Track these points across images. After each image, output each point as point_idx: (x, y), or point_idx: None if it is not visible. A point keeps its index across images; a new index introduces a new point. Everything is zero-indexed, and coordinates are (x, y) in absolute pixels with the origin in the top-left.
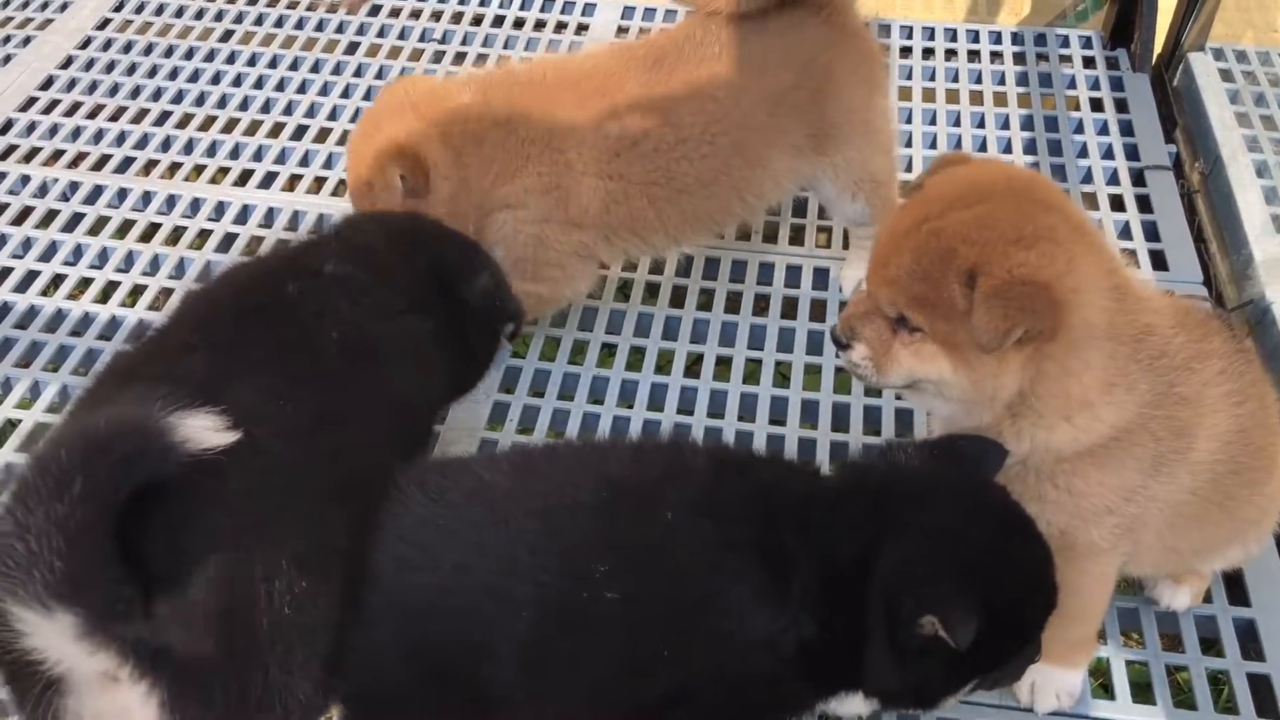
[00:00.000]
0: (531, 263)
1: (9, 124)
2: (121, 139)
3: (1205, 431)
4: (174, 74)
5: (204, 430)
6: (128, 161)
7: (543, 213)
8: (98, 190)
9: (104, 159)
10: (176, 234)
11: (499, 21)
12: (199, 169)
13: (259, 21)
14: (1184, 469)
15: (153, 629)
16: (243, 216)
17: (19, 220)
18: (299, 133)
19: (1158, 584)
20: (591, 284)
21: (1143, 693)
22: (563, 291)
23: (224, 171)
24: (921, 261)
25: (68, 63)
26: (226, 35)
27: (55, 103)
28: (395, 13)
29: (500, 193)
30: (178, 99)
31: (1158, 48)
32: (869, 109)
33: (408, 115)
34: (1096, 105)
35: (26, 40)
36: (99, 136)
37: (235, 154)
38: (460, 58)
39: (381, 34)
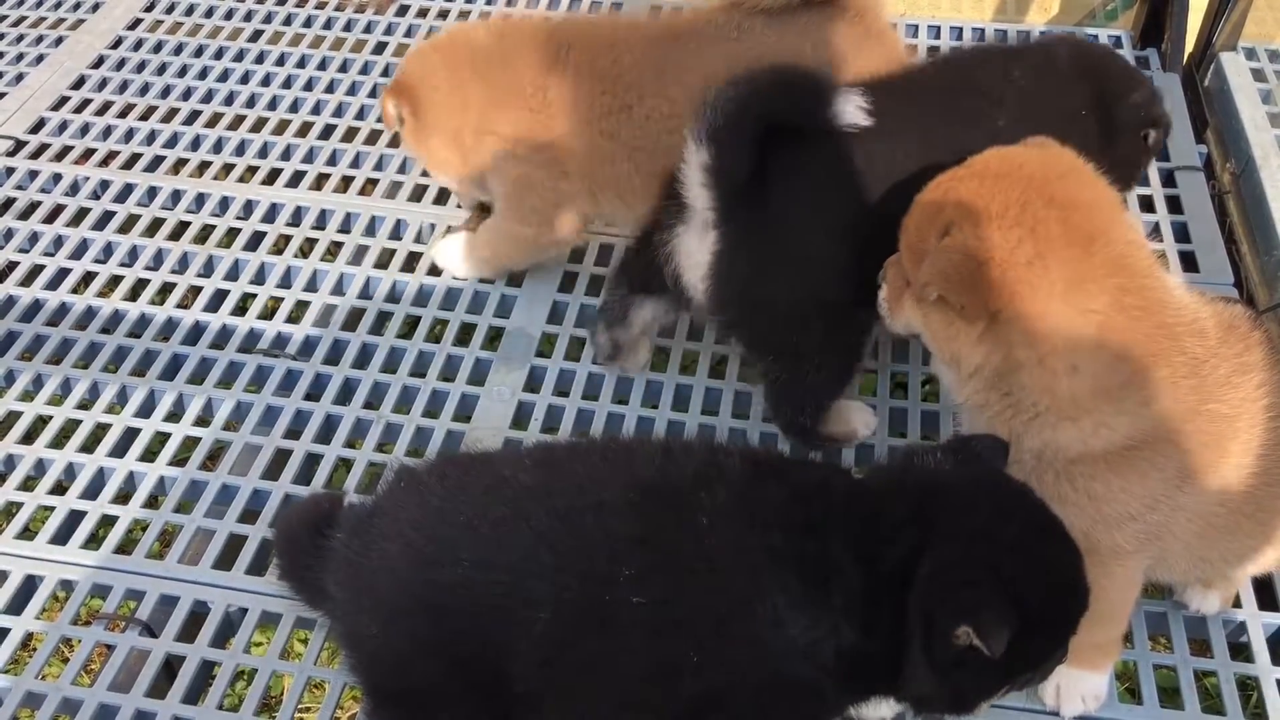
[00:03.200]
0: (517, 204)
1: (41, 123)
2: (152, 138)
3: (1239, 445)
4: (204, 73)
5: (853, 107)
6: (158, 160)
7: (529, 152)
8: (128, 188)
9: (134, 157)
10: (206, 232)
11: None
12: (228, 167)
13: (288, 21)
14: (1215, 482)
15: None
16: (271, 215)
17: (50, 218)
18: (327, 131)
19: (1187, 588)
20: (575, 236)
21: (1171, 698)
22: (548, 237)
23: (253, 170)
24: (919, 216)
25: (99, 62)
26: (256, 35)
27: (87, 102)
28: (423, 12)
29: (491, 118)
30: (207, 98)
31: (1189, 47)
32: None
33: (427, 54)
34: None
35: (59, 40)
36: (129, 135)
37: (264, 152)
38: None
39: (409, 34)
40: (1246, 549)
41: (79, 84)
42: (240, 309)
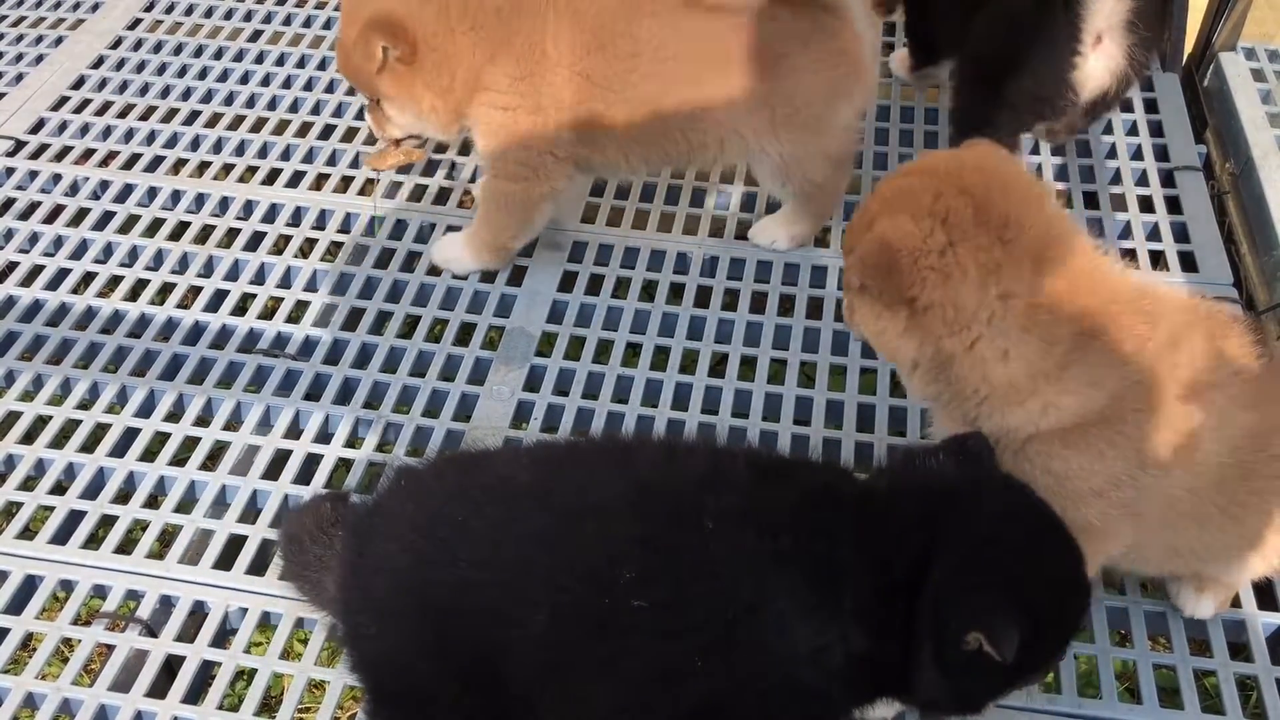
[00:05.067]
0: (504, 157)
1: (41, 123)
2: (151, 138)
3: (1209, 433)
4: (203, 73)
5: None
6: (158, 160)
7: (514, 100)
8: (128, 189)
9: (134, 158)
10: (205, 232)
11: None
12: (228, 168)
13: (287, 21)
14: (1181, 466)
15: None
16: (271, 215)
17: (50, 218)
18: (326, 132)
19: (1180, 592)
20: (565, 186)
21: (1171, 698)
22: (536, 190)
23: (252, 170)
24: (855, 217)
25: (99, 62)
26: (255, 35)
27: (86, 102)
28: None
29: (483, 75)
30: (207, 98)
31: (1188, 47)
32: (825, 111)
33: None
34: (1125, 105)
35: (58, 40)
36: (129, 135)
37: (264, 153)
38: None
39: None
40: (1218, 543)
41: (79, 84)
42: (240, 309)
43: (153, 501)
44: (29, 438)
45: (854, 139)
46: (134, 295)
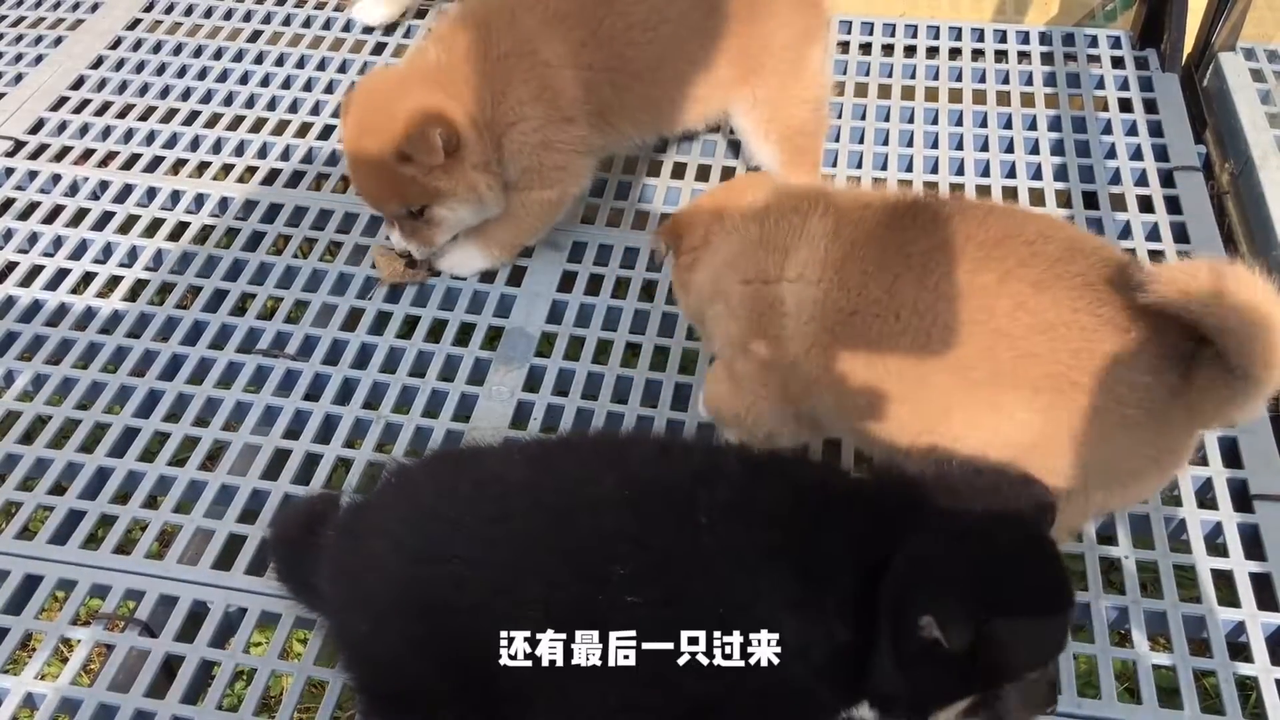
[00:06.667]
0: (538, 170)
1: (40, 123)
2: (151, 138)
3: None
4: (203, 74)
5: None
6: (158, 160)
7: (541, 118)
8: (127, 189)
9: (134, 158)
10: (205, 232)
11: None
12: (228, 168)
13: (286, 22)
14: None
15: None
16: (270, 215)
17: (50, 218)
18: (326, 132)
19: None
20: (590, 179)
21: (1170, 698)
22: (569, 191)
23: (252, 170)
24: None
25: (98, 63)
26: (256, 35)
27: (86, 102)
28: (421, 14)
29: (501, 115)
30: (206, 99)
31: (1188, 47)
32: (799, 53)
33: (412, 87)
34: (1125, 106)
35: (58, 41)
36: (129, 135)
37: (263, 153)
38: None
39: (409, 34)
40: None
41: (78, 84)
42: (240, 309)
43: (152, 501)
44: (29, 437)
45: (825, 81)
46: (134, 295)
